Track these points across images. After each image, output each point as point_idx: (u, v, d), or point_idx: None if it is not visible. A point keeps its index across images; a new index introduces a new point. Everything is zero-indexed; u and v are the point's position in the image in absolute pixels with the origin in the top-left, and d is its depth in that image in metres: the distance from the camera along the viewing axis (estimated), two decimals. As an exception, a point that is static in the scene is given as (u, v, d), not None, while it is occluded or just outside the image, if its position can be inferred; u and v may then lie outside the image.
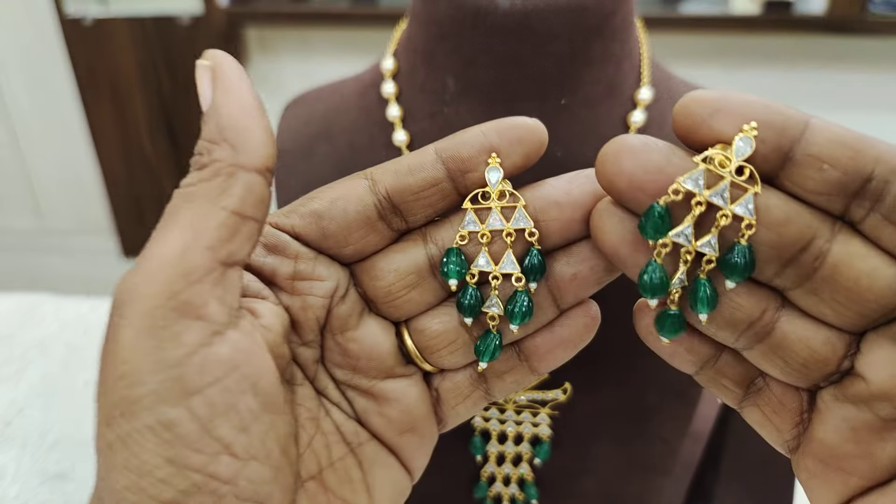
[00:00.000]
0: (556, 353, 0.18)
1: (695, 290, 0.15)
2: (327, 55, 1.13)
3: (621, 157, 0.14)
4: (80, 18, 1.10)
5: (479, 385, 0.18)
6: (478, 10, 0.22)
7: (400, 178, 0.16)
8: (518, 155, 0.16)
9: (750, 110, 0.14)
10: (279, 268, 0.16)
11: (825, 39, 1.00)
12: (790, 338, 0.15)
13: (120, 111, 1.18)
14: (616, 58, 0.24)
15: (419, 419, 0.18)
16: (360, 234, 0.17)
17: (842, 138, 0.14)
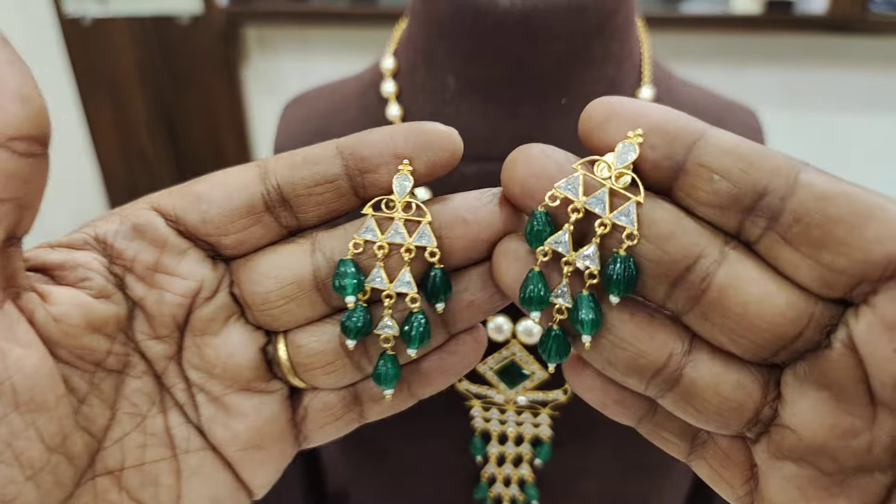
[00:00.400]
0: (440, 379, 0.17)
1: (575, 306, 0.14)
2: (327, 54, 1.13)
3: (517, 164, 0.14)
4: (79, 18, 1.10)
5: (352, 407, 0.17)
6: (478, 10, 0.22)
7: (293, 170, 0.15)
8: (423, 163, 0.15)
9: (643, 117, 0.13)
10: (140, 255, 0.15)
11: (826, 39, 1.00)
12: (699, 384, 0.14)
13: (119, 111, 1.18)
14: (616, 57, 0.24)
15: (268, 438, 0.16)
16: (242, 223, 0.15)
17: (735, 149, 0.13)
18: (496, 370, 0.26)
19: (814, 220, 0.12)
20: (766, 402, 0.14)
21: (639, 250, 0.13)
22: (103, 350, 0.15)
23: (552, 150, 0.14)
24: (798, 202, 0.12)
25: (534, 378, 0.26)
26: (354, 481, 0.31)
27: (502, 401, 0.26)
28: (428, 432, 0.28)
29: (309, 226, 0.16)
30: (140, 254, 0.15)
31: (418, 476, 0.30)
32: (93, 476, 0.15)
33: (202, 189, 0.15)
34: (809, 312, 0.13)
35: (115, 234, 0.15)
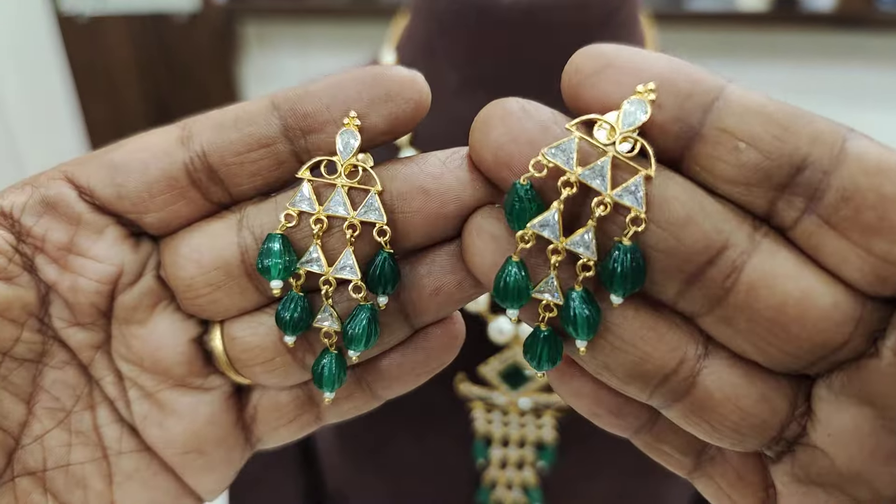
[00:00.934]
0: (406, 380, 0.14)
1: (566, 304, 0.11)
2: (325, 50, 1.12)
3: (490, 125, 0.11)
4: (76, 15, 1.09)
5: (307, 408, 0.15)
6: (480, 6, 0.22)
7: (222, 133, 0.12)
8: (381, 116, 0.12)
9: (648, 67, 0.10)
10: (51, 233, 0.13)
11: (833, 35, 0.99)
12: (715, 396, 0.11)
13: (116, 108, 1.17)
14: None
15: (210, 441, 0.14)
16: (163, 199, 0.13)
17: (764, 108, 0.10)
18: (499, 372, 0.25)
19: (866, 201, 0.10)
20: (793, 417, 0.11)
21: (647, 238, 0.11)
22: (9, 336, 0.13)
23: (535, 107, 0.11)
24: (846, 177, 0.10)
25: (537, 380, 0.25)
26: (354, 484, 0.31)
27: (505, 403, 0.26)
28: (429, 435, 0.28)
29: (244, 200, 0.13)
30: (51, 232, 0.13)
31: (419, 479, 0.29)
32: (12, 477, 0.13)
33: (118, 157, 0.13)
34: (858, 315, 0.10)
35: (24, 208, 0.13)
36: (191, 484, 0.15)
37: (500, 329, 0.24)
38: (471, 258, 0.12)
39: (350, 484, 0.31)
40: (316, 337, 0.13)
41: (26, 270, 0.13)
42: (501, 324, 0.24)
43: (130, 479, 0.14)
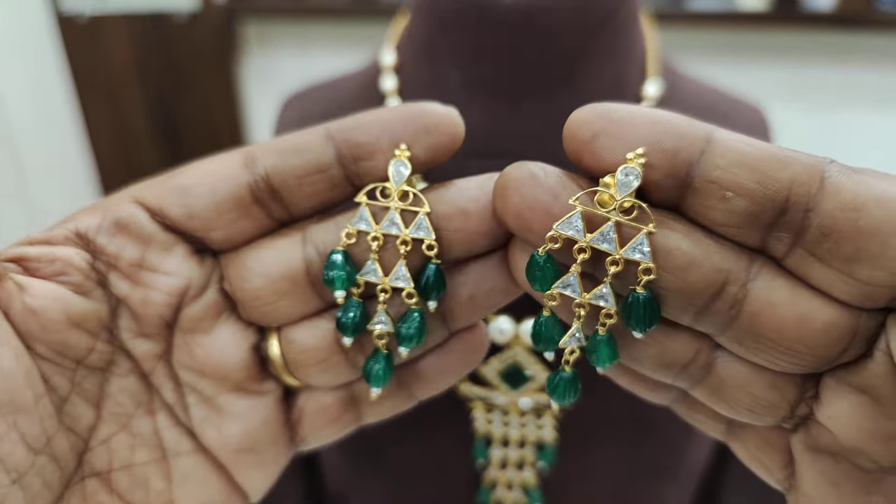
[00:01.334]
0: (440, 380, 0.16)
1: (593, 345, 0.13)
2: (325, 50, 1.12)
3: (508, 192, 0.13)
4: (76, 15, 1.09)
5: (349, 409, 0.16)
6: (482, 5, 0.22)
7: (283, 158, 0.14)
8: (423, 147, 0.14)
9: (636, 130, 0.12)
10: (123, 252, 0.14)
11: (833, 35, 0.99)
12: (728, 382, 0.13)
13: (116, 108, 1.18)
14: (620, 53, 0.24)
15: (262, 441, 0.16)
16: (230, 217, 0.14)
17: (747, 158, 0.11)
18: (499, 372, 0.25)
19: (844, 235, 0.11)
20: (802, 399, 0.13)
21: (658, 282, 0.12)
22: (84, 347, 0.14)
23: (545, 175, 0.13)
24: (825, 215, 0.11)
25: (537, 380, 0.25)
26: (354, 485, 0.31)
27: (505, 403, 0.26)
28: (429, 435, 0.28)
29: (302, 217, 0.15)
30: (124, 250, 0.14)
31: (419, 480, 0.29)
32: (81, 478, 0.15)
33: (186, 181, 0.14)
34: (854, 327, 0.12)
35: (98, 230, 0.14)
36: (241, 482, 0.16)
37: (501, 329, 0.24)
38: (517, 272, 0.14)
39: (350, 485, 0.31)
40: (367, 339, 0.15)
41: (100, 286, 0.14)
42: (502, 324, 0.24)
43: (187, 478, 0.15)
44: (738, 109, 0.28)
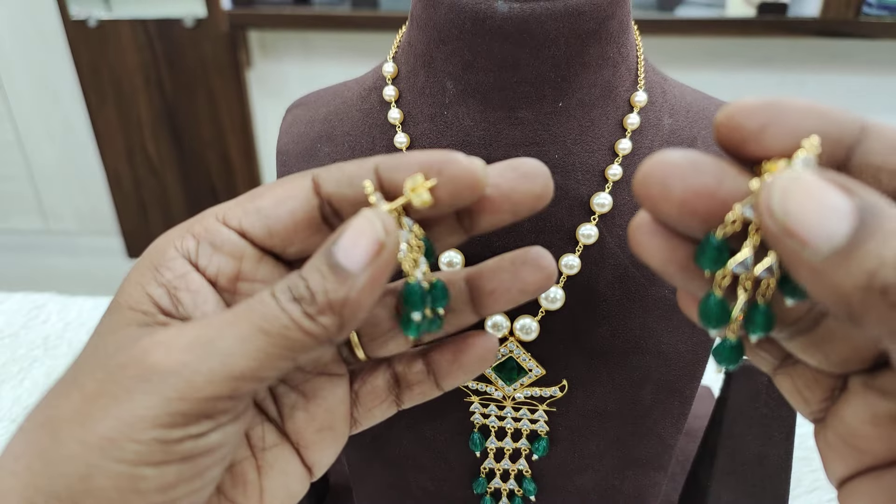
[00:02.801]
0: (457, 376, 0.19)
1: (751, 316, 0.14)
2: (329, 58, 1.14)
3: (669, 181, 0.13)
4: (83, 20, 1.11)
5: (392, 391, 0.19)
6: (477, 15, 0.22)
7: (340, 188, 0.16)
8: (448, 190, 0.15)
9: (803, 122, 0.13)
10: (223, 268, 0.16)
11: (819, 42, 1.00)
12: (836, 334, 0.14)
13: (124, 112, 1.19)
14: (612, 61, 0.24)
15: (338, 418, 0.18)
16: (304, 234, 0.16)
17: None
18: (494, 366, 0.26)
19: None
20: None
21: None
22: None
23: (702, 161, 0.13)
24: None
25: (531, 374, 0.26)
26: (355, 477, 0.32)
27: (500, 397, 0.27)
28: (428, 427, 0.29)
29: None
30: (223, 267, 0.16)
31: (418, 470, 0.30)
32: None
33: (265, 205, 0.16)
34: None
35: (196, 252, 0.16)
36: (312, 461, 0.18)
37: (496, 324, 0.25)
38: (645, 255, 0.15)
39: (352, 477, 0.32)
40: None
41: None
42: (497, 318, 0.25)
43: (272, 468, 0.17)
44: None
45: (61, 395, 0.14)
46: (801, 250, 0.11)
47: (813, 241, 0.11)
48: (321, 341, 0.15)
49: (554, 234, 0.24)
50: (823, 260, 0.11)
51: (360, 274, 0.14)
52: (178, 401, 0.14)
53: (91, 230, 1.37)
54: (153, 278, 0.16)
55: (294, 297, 0.14)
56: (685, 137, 0.26)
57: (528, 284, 0.18)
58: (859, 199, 0.11)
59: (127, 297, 0.15)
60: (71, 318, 0.66)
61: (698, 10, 1.01)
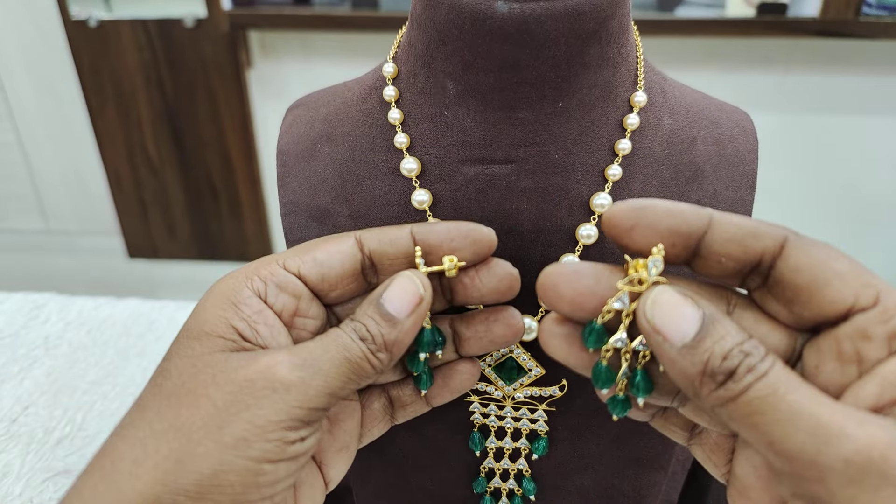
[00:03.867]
0: (444, 396, 0.23)
1: (633, 379, 0.19)
2: (329, 58, 1.14)
3: (559, 286, 0.18)
4: (84, 20, 1.11)
5: (388, 412, 0.23)
6: (477, 15, 0.22)
7: (382, 247, 0.20)
8: (469, 252, 0.20)
9: (661, 222, 0.17)
10: (287, 305, 0.20)
11: (819, 42, 1.00)
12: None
13: (124, 112, 1.19)
14: (612, 61, 0.24)
15: (353, 438, 0.22)
16: (347, 281, 0.21)
17: (734, 236, 0.17)
18: (494, 366, 0.26)
19: (788, 286, 0.17)
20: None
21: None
22: None
23: (583, 268, 0.18)
24: (778, 272, 0.17)
25: (531, 374, 0.26)
26: (356, 477, 0.32)
27: (500, 396, 0.27)
28: (429, 427, 0.29)
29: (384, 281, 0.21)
30: (287, 304, 0.20)
31: (419, 470, 0.30)
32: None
33: (321, 257, 0.20)
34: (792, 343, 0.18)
35: (265, 293, 0.20)
36: (328, 477, 0.21)
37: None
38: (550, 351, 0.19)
39: (352, 477, 0.32)
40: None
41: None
42: (496, 319, 0.25)
43: (304, 483, 0.20)
44: (727, 114, 0.29)
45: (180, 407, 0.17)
46: (662, 344, 0.16)
47: (671, 338, 0.16)
48: (378, 371, 0.19)
49: (554, 234, 0.24)
50: (678, 352, 0.16)
51: (405, 320, 0.19)
52: (297, 409, 0.17)
53: (91, 230, 1.37)
54: (235, 314, 0.19)
55: (361, 337, 0.19)
56: (685, 137, 0.26)
57: (497, 338, 0.22)
58: (702, 310, 0.16)
59: (213, 326, 0.18)
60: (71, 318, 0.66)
61: (698, 10, 1.01)
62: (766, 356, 0.15)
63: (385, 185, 0.25)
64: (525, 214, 0.24)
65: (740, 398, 0.15)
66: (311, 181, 0.27)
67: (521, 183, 0.24)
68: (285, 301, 0.20)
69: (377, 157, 0.26)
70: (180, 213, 1.27)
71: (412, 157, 0.25)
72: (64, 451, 0.51)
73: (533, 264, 0.24)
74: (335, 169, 0.26)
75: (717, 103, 0.29)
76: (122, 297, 0.70)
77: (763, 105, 1.07)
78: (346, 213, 0.26)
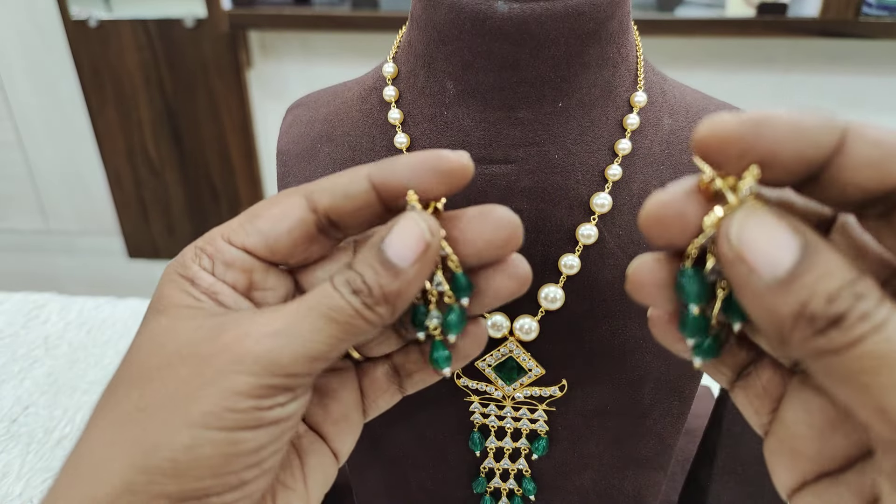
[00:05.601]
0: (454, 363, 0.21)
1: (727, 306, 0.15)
2: (329, 58, 1.14)
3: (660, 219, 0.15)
4: (84, 20, 1.11)
5: (393, 381, 0.21)
6: (477, 15, 0.22)
7: (336, 201, 0.18)
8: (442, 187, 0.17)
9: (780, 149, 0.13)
10: (238, 281, 0.18)
11: (819, 42, 1.00)
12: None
13: (124, 112, 1.19)
14: (612, 61, 0.24)
15: (350, 409, 0.20)
16: (303, 247, 0.18)
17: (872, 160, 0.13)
18: (494, 366, 0.26)
19: None
20: None
21: None
22: None
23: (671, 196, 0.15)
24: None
25: (531, 374, 0.26)
26: (356, 477, 0.32)
27: (500, 396, 0.27)
28: (428, 427, 0.29)
29: (352, 234, 0.19)
30: (238, 280, 0.18)
31: (418, 470, 0.30)
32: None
33: (263, 226, 0.18)
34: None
35: (213, 270, 0.18)
36: (336, 448, 0.20)
37: (497, 325, 0.25)
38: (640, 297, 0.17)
39: (352, 477, 0.32)
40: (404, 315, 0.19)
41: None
42: (497, 318, 0.25)
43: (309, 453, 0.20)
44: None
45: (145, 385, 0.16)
46: (748, 275, 0.13)
47: (760, 269, 0.13)
48: (377, 326, 0.17)
49: (554, 234, 0.24)
50: (766, 286, 0.13)
51: (409, 269, 0.16)
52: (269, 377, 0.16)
53: (91, 230, 1.37)
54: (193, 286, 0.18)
55: (353, 290, 0.16)
56: (685, 137, 0.26)
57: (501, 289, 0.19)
58: (803, 238, 0.13)
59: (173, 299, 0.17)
60: (71, 318, 0.66)
61: (698, 10, 1.01)
62: (883, 301, 0.12)
63: (385, 185, 0.25)
64: (525, 214, 0.24)
65: (848, 352, 0.12)
66: (311, 181, 0.27)
67: (521, 183, 0.24)
68: (235, 277, 0.18)
69: (377, 156, 0.26)
70: (180, 213, 1.27)
71: (412, 157, 0.25)
72: (64, 451, 0.51)
73: (533, 264, 0.24)
74: (335, 169, 0.26)
75: (718, 103, 0.29)
76: (123, 297, 0.70)
77: (763, 105, 1.07)
78: (346, 213, 0.26)
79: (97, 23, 1.10)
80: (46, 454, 0.51)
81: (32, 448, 0.51)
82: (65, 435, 0.53)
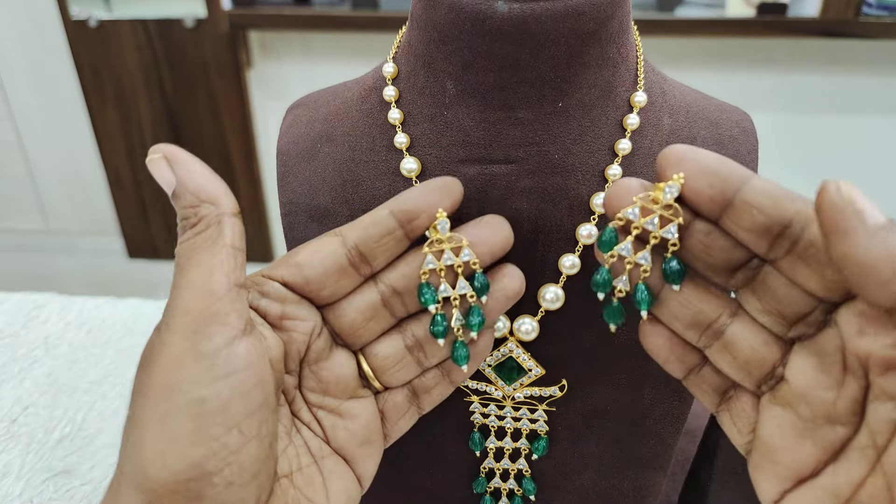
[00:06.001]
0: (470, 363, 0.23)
1: (635, 292, 0.20)
2: (329, 58, 1.14)
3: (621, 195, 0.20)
4: (84, 20, 1.11)
5: (413, 402, 0.23)
6: (477, 15, 0.22)
7: (364, 231, 0.21)
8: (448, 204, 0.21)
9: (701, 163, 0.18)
10: (270, 309, 0.21)
11: (819, 42, 1.00)
12: (737, 336, 0.19)
13: (124, 112, 1.19)
14: (612, 61, 0.24)
15: (373, 432, 0.22)
16: (334, 279, 0.21)
17: (770, 192, 0.17)
18: (494, 366, 0.26)
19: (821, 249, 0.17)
20: (781, 363, 0.19)
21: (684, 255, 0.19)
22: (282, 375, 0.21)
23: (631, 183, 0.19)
24: (812, 233, 0.17)
25: (531, 374, 0.26)
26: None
27: (500, 397, 0.27)
28: (429, 427, 0.29)
29: (378, 270, 0.22)
30: (270, 308, 0.21)
31: (418, 470, 0.30)
32: (277, 478, 0.20)
33: (301, 259, 0.21)
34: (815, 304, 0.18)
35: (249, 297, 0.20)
36: (359, 472, 0.22)
37: (496, 325, 0.25)
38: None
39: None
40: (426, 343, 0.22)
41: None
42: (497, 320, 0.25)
43: (332, 473, 0.22)
44: (727, 113, 0.29)
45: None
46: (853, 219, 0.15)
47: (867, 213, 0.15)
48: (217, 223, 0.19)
49: (554, 234, 0.24)
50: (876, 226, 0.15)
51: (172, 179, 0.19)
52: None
53: (91, 230, 1.37)
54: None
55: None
56: (685, 137, 0.26)
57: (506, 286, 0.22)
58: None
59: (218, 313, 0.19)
60: (71, 318, 0.66)
61: (698, 10, 1.01)
62: None
63: (385, 185, 0.25)
64: (525, 214, 0.24)
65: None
66: (311, 181, 0.27)
67: (521, 183, 0.24)
68: (268, 305, 0.21)
69: (377, 157, 0.26)
70: (180, 213, 1.27)
71: (412, 157, 0.25)
72: (64, 451, 0.51)
73: (533, 264, 0.25)
74: (335, 169, 0.26)
75: (717, 103, 0.29)
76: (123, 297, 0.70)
77: (763, 105, 1.07)
78: (346, 214, 0.26)
79: (97, 23, 1.10)
80: (46, 454, 0.51)
81: (32, 448, 0.51)
82: (65, 435, 0.53)
